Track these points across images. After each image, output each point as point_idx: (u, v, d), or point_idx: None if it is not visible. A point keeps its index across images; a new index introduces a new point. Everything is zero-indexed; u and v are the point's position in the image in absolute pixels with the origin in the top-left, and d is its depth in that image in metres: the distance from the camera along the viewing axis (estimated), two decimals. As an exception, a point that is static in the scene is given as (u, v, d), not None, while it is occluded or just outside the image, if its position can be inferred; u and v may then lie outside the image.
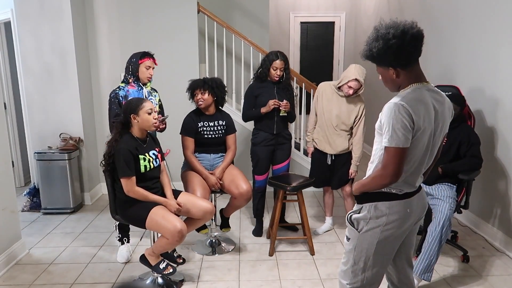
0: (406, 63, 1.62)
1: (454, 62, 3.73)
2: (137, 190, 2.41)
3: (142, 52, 2.95)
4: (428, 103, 1.60)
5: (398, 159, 1.58)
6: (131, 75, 2.94)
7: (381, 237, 1.72)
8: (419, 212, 1.78)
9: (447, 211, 2.58)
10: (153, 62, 2.97)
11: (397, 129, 1.54)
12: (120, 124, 2.48)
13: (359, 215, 1.75)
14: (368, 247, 1.74)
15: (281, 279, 2.74)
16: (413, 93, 1.60)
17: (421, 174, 1.73)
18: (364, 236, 1.74)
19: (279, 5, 6.89)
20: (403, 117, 1.53)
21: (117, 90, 2.91)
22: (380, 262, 1.77)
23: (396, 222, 1.70)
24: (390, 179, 1.61)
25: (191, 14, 4.24)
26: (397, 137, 1.55)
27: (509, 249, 3.04)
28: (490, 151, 3.19)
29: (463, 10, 3.58)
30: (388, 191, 1.69)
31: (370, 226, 1.72)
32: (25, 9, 3.86)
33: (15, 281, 2.72)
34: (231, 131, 3.15)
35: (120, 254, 2.99)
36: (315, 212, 3.96)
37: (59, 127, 4.02)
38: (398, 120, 1.54)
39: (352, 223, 1.77)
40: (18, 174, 4.74)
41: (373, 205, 1.71)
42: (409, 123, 1.54)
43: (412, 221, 1.76)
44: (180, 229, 2.34)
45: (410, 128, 1.55)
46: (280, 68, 3.18)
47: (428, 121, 1.60)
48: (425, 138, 1.62)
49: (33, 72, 3.97)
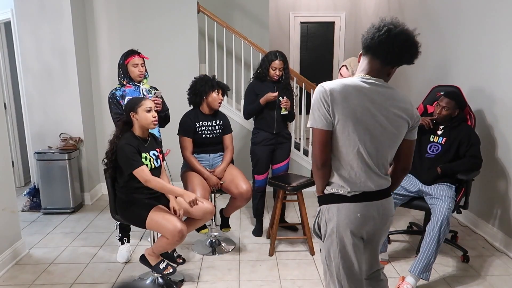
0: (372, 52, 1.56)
1: (454, 62, 3.73)
2: (155, 179, 2.38)
3: (126, 52, 2.93)
4: (359, 91, 1.55)
5: (317, 140, 1.58)
6: (123, 77, 2.94)
7: (340, 244, 1.61)
8: (374, 223, 1.63)
9: (445, 211, 2.58)
10: (140, 58, 2.92)
11: (314, 109, 1.56)
12: (122, 123, 2.49)
13: (319, 220, 1.70)
14: (333, 255, 1.64)
15: (281, 279, 2.74)
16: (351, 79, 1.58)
17: (370, 173, 1.60)
18: (326, 243, 1.66)
19: (279, 5, 6.89)
20: (319, 99, 1.54)
21: (113, 91, 2.92)
22: (351, 274, 1.63)
23: (347, 227, 1.59)
24: (314, 162, 1.62)
25: (191, 14, 4.25)
26: (313, 118, 1.57)
27: (509, 249, 3.04)
28: (490, 151, 3.19)
29: (463, 10, 3.58)
30: (336, 193, 1.62)
31: (328, 232, 1.64)
32: (25, 9, 3.86)
33: (15, 281, 2.72)
34: (228, 131, 3.16)
35: (120, 254, 2.99)
36: (315, 212, 3.95)
37: (59, 127, 4.02)
38: (315, 101, 1.56)
39: (317, 231, 1.71)
40: (18, 174, 4.74)
41: (326, 208, 1.66)
42: (324, 105, 1.53)
43: (369, 230, 1.64)
44: (181, 229, 2.33)
45: (325, 110, 1.53)
46: (279, 68, 3.18)
47: (351, 110, 1.53)
48: (351, 127, 1.54)
49: (33, 72, 3.97)
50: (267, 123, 3.27)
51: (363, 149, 1.56)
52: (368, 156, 1.58)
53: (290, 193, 3.16)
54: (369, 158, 1.58)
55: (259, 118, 3.29)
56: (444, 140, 2.88)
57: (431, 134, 2.94)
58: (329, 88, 1.53)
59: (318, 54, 7.16)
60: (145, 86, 3.00)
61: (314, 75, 6.32)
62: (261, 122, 3.29)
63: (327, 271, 1.71)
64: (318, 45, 7.13)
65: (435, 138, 2.92)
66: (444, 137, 2.88)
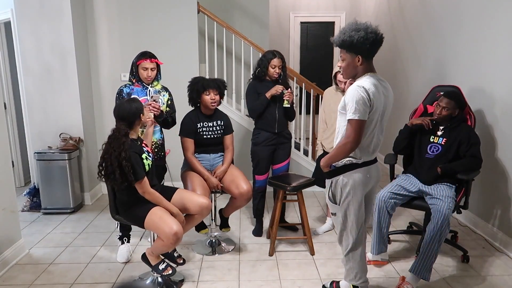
0: (371, 55, 2.04)
1: (454, 62, 3.73)
2: (152, 192, 2.43)
3: (141, 52, 2.94)
4: (379, 88, 2.03)
5: (359, 128, 1.99)
6: (134, 76, 2.95)
7: (354, 201, 2.15)
8: (375, 180, 2.24)
9: (446, 211, 2.57)
10: (151, 63, 2.90)
11: (359, 104, 1.95)
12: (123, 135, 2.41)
13: (333, 190, 2.19)
14: (348, 213, 2.19)
15: (281, 279, 2.74)
16: (369, 79, 2.02)
17: (375, 147, 2.14)
18: (343, 205, 2.19)
19: (279, 5, 6.89)
20: (363, 97, 1.95)
21: (122, 87, 2.94)
22: (360, 222, 2.22)
23: (360, 186, 2.14)
24: (351, 145, 2.02)
25: (191, 14, 4.25)
26: (359, 111, 1.96)
27: (509, 249, 3.04)
28: (490, 151, 3.19)
29: (463, 10, 3.58)
30: (350, 163, 2.11)
31: (344, 195, 2.15)
32: (25, 9, 3.86)
33: (15, 281, 2.72)
34: (229, 131, 3.15)
35: (120, 254, 2.99)
36: (315, 212, 3.96)
37: (59, 127, 4.02)
38: (360, 98, 1.95)
39: (332, 200, 2.22)
40: (18, 174, 4.74)
41: (341, 177, 2.15)
42: (368, 101, 1.96)
43: (370, 186, 2.23)
44: (176, 232, 2.34)
45: (368, 104, 1.97)
46: (278, 66, 3.19)
47: (379, 103, 2.03)
48: (377, 116, 2.05)
49: (33, 72, 3.97)
50: (269, 123, 3.26)
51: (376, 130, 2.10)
52: (377, 137, 2.14)
53: (290, 193, 3.16)
54: (377, 139, 2.14)
55: (260, 118, 3.29)
56: (444, 140, 2.88)
57: (431, 135, 2.94)
58: (368, 88, 1.97)
59: (318, 54, 7.16)
60: (155, 88, 3.00)
61: (314, 75, 6.32)
62: (262, 122, 3.29)
63: (343, 230, 2.25)
64: (318, 45, 7.14)
65: (435, 138, 2.92)
66: (444, 137, 2.88)
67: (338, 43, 2.03)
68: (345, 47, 2.02)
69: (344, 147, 2.04)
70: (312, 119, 4.47)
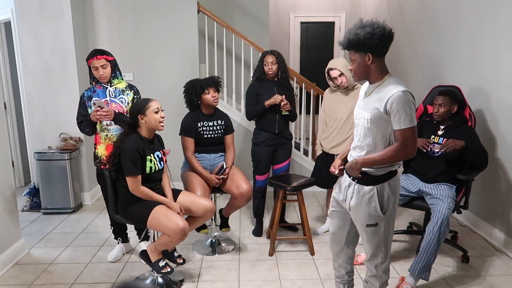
0: (382, 51, 1.86)
1: (454, 62, 3.73)
2: (142, 189, 2.42)
3: (90, 52, 2.74)
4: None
5: (415, 136, 1.84)
6: (92, 78, 2.81)
7: (395, 209, 2.00)
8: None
9: (446, 211, 2.57)
10: (98, 60, 2.67)
11: (412, 110, 1.80)
12: (127, 126, 2.49)
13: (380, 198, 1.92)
14: (391, 222, 2.01)
15: (281, 279, 2.74)
16: (399, 81, 1.86)
17: None
18: (388, 215, 1.96)
19: (279, 5, 6.89)
20: (412, 101, 1.80)
21: (84, 91, 2.83)
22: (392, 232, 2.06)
23: (398, 192, 2.01)
24: (410, 154, 1.85)
25: (191, 14, 4.25)
26: (412, 118, 1.80)
27: (509, 249, 3.04)
28: (490, 151, 3.18)
29: (463, 10, 3.58)
30: (392, 169, 1.94)
31: (391, 204, 1.95)
32: (25, 9, 3.86)
33: (15, 281, 2.72)
34: (230, 131, 3.15)
35: (111, 253, 3.01)
36: (315, 212, 3.96)
37: (59, 127, 4.02)
38: (411, 103, 1.80)
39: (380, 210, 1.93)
40: (18, 174, 4.74)
41: (386, 184, 1.93)
42: (415, 105, 1.83)
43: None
44: (183, 227, 2.35)
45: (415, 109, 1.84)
46: (271, 62, 3.20)
47: None
48: None
49: (33, 72, 3.97)
50: (269, 123, 3.27)
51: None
52: None
53: (290, 193, 3.16)
54: None
55: (261, 118, 3.30)
56: (444, 140, 2.88)
57: (432, 134, 2.94)
58: (410, 91, 1.83)
59: (318, 54, 7.15)
60: (117, 87, 2.81)
61: (314, 75, 6.29)
62: (262, 123, 3.30)
63: (383, 241, 2.00)
64: (318, 45, 7.13)
65: (435, 138, 2.92)
66: (444, 137, 2.88)
67: (345, 44, 1.88)
68: (353, 47, 1.86)
69: (399, 153, 1.85)
70: (312, 119, 4.47)
